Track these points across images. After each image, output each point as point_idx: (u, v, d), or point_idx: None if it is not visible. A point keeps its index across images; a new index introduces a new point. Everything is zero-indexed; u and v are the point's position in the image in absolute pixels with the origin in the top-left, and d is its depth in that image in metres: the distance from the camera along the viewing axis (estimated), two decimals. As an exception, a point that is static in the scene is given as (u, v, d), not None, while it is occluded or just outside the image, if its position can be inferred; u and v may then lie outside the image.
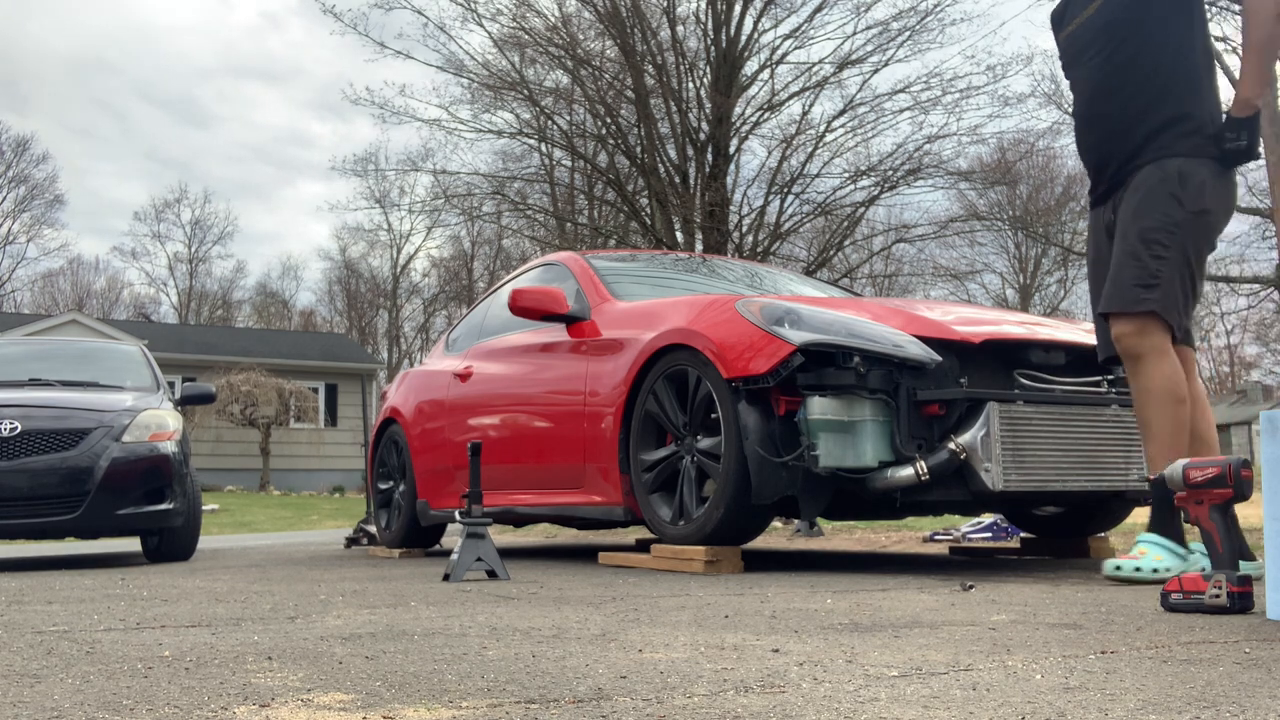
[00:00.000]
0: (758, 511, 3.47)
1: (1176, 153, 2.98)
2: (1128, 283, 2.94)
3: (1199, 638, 1.85)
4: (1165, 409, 2.91)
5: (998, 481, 3.25)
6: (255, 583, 3.55)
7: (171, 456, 5.57)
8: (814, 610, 2.36)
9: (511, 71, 16.86)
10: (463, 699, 1.34)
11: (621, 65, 16.52)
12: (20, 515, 5.21)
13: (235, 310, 47.43)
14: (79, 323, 23.63)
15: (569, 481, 4.29)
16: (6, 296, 42.04)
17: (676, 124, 16.54)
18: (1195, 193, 2.94)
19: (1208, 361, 46.68)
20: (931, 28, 15.78)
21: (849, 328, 3.38)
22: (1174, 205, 2.94)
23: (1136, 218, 2.98)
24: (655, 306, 4.09)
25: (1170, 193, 2.95)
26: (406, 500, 5.51)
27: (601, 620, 2.20)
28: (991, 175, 18.24)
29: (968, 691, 1.35)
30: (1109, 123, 3.14)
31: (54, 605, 2.78)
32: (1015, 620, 2.13)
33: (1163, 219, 2.94)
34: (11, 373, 6.20)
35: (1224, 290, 26.32)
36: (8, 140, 39.92)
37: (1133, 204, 3.01)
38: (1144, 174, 3.02)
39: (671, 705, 1.28)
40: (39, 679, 1.53)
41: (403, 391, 5.91)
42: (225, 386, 21.54)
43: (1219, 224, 3.03)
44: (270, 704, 1.31)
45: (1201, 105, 3.02)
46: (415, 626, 2.12)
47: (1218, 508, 2.25)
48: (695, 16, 16.79)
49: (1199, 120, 3.00)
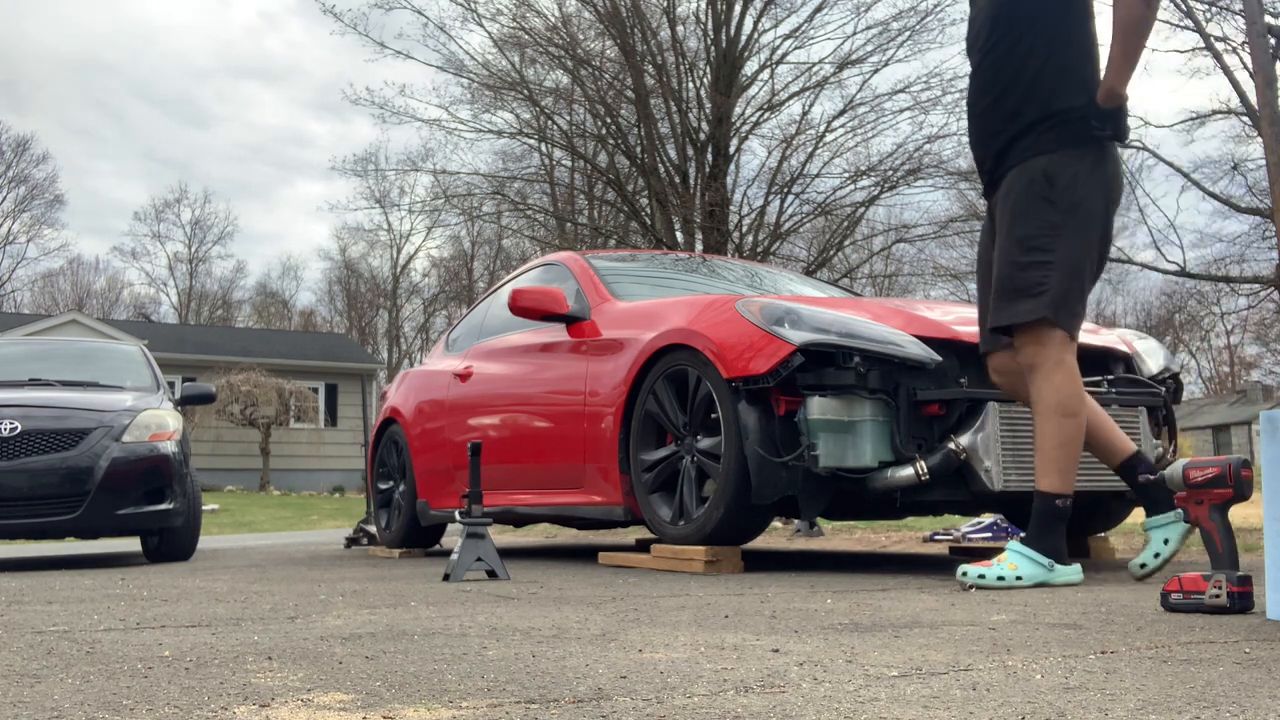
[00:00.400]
0: (758, 511, 3.47)
1: (1042, 150, 2.89)
2: (1017, 294, 2.85)
3: (1199, 638, 1.85)
4: (1051, 421, 2.83)
5: (997, 481, 3.25)
6: (255, 583, 3.55)
7: (171, 456, 5.57)
8: (814, 610, 2.36)
9: (511, 71, 16.88)
10: (463, 699, 1.34)
11: (621, 65, 16.53)
12: (20, 515, 5.21)
13: (235, 310, 47.46)
14: (79, 323, 23.63)
15: (569, 481, 4.29)
16: (6, 296, 42.07)
17: (676, 124, 16.55)
18: (1066, 189, 2.85)
19: (1208, 361, 46.72)
20: (931, 27, 15.81)
21: (849, 328, 3.38)
22: (1047, 208, 2.85)
23: (1013, 226, 2.91)
24: (655, 306, 4.09)
25: (1041, 196, 2.87)
26: (406, 500, 5.51)
27: (601, 620, 2.20)
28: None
29: (968, 691, 1.35)
30: (982, 122, 3.08)
31: (54, 605, 2.78)
32: (1015, 620, 2.13)
33: (1039, 224, 2.85)
34: (11, 373, 6.20)
35: (1224, 290, 26.30)
36: (8, 140, 39.97)
37: (1007, 211, 2.94)
38: (1011, 178, 2.95)
39: (671, 705, 1.28)
40: (39, 679, 1.53)
41: (403, 391, 5.91)
42: (225, 386, 21.54)
43: (1102, 208, 2.91)
44: (270, 704, 1.31)
45: (1075, 98, 2.90)
46: (415, 626, 2.12)
47: (1217, 508, 2.25)
48: (695, 16, 16.82)
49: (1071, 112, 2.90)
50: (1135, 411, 3.58)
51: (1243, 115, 18.67)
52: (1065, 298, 2.83)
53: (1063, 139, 2.88)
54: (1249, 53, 16.54)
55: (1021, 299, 2.84)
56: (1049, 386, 2.84)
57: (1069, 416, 2.83)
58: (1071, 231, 2.85)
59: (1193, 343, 42.55)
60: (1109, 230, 2.97)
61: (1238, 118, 19.27)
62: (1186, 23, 18.31)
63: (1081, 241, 2.87)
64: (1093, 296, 15.87)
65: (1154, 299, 37.60)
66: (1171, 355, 4.03)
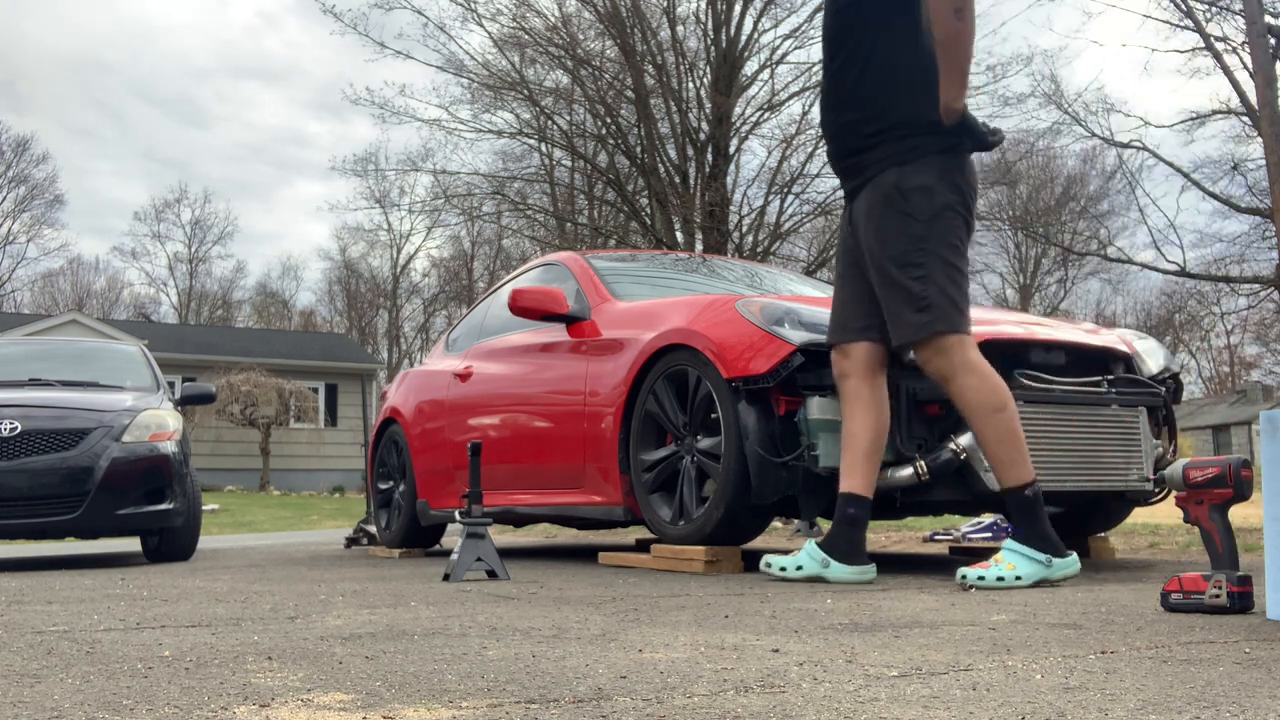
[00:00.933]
0: (758, 511, 3.47)
1: (892, 162, 2.94)
2: (905, 312, 2.91)
3: (1199, 638, 1.85)
4: (986, 420, 2.87)
5: (997, 481, 3.25)
6: (255, 583, 3.55)
7: (171, 456, 5.57)
8: (814, 610, 2.36)
9: (511, 71, 16.87)
10: (463, 699, 1.34)
11: (621, 65, 16.53)
12: (20, 515, 5.21)
13: (235, 310, 47.44)
14: (79, 323, 23.63)
15: (569, 481, 4.28)
16: (6, 296, 42.06)
17: (676, 124, 16.55)
18: (922, 200, 2.89)
19: (1208, 361, 46.71)
20: (931, 27, 15.76)
21: (849, 328, 3.38)
22: (909, 222, 2.89)
23: (881, 245, 2.95)
24: (655, 306, 4.09)
25: (900, 211, 2.90)
26: (406, 500, 5.51)
27: (601, 620, 2.20)
28: (991, 175, 18.24)
29: (968, 691, 1.35)
30: (830, 132, 3.16)
31: (54, 605, 2.78)
32: (1015, 620, 2.13)
33: (907, 241, 2.90)
34: (11, 373, 6.20)
35: (1224, 290, 26.31)
36: (8, 140, 39.95)
37: (871, 230, 2.98)
38: (864, 196, 3.00)
39: (671, 705, 1.28)
40: (39, 679, 1.53)
41: (403, 391, 5.91)
42: (225, 386, 21.54)
43: (962, 207, 2.95)
44: (270, 704, 1.31)
45: (917, 107, 2.93)
46: (415, 626, 2.12)
47: (1217, 508, 2.25)
48: (695, 16, 16.82)
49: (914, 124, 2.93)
50: (1135, 411, 3.58)
51: (1243, 115, 18.67)
52: (949, 303, 2.89)
53: (908, 150, 2.92)
54: (1249, 53, 16.54)
55: (912, 315, 2.90)
56: (967, 390, 2.89)
57: (997, 412, 2.87)
58: (938, 239, 2.90)
59: (1193, 343, 42.56)
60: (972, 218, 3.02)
61: (1238, 118, 19.27)
62: (1186, 23, 18.31)
63: (949, 245, 2.92)
64: (1093, 297, 15.42)
65: (1154, 299, 37.64)
66: (1171, 355, 4.03)
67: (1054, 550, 2.87)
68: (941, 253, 2.90)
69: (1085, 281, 35.57)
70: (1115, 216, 26.99)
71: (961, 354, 2.89)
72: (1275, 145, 13.71)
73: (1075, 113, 19.81)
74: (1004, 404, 2.88)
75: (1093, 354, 3.72)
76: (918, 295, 2.88)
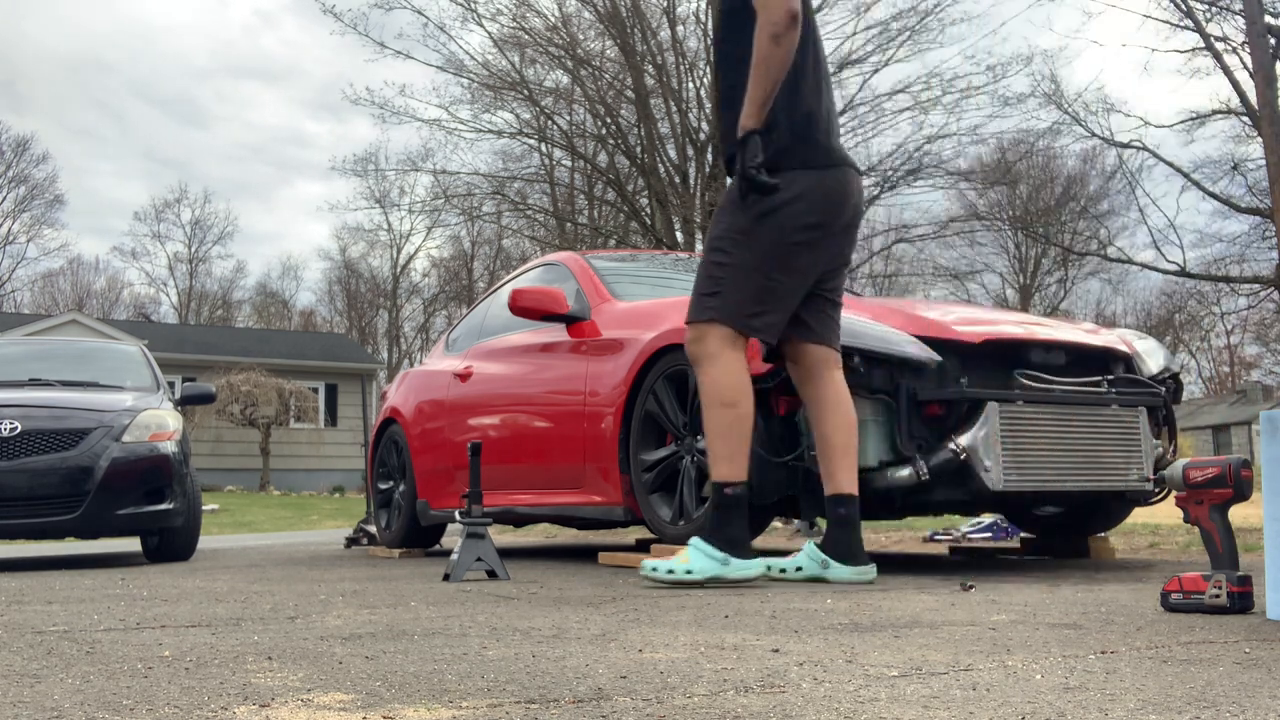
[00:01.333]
0: (758, 511, 3.47)
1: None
2: (697, 292, 3.02)
3: (1199, 638, 1.85)
4: (713, 412, 2.96)
5: (998, 482, 3.25)
6: (255, 583, 3.55)
7: (171, 456, 5.57)
8: (814, 610, 2.36)
9: (511, 71, 16.87)
10: (463, 699, 1.34)
11: (621, 65, 16.53)
12: (20, 515, 5.21)
13: (235, 310, 47.43)
14: (79, 323, 23.63)
15: (569, 481, 4.28)
16: (6, 296, 42.05)
17: (676, 124, 16.55)
18: (764, 200, 2.94)
19: (1208, 361, 46.71)
20: (931, 28, 15.80)
21: (849, 327, 3.38)
22: (738, 213, 2.98)
23: (714, 225, 3.08)
24: (655, 306, 4.09)
25: (733, 200, 2.99)
26: (406, 500, 5.51)
27: (601, 620, 2.20)
28: (991, 175, 18.26)
29: (968, 691, 1.35)
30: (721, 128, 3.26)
31: (54, 605, 2.78)
32: (1015, 620, 2.13)
33: (726, 228, 3.00)
34: (11, 373, 6.20)
35: (1224, 290, 26.31)
36: (8, 140, 39.92)
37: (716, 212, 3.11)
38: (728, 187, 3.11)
39: (671, 705, 1.28)
40: (39, 679, 1.53)
41: (403, 391, 5.90)
42: (225, 386, 21.53)
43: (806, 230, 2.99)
44: (270, 704, 1.31)
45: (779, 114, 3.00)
46: (415, 626, 2.12)
47: (1217, 508, 2.25)
48: (695, 16, 16.80)
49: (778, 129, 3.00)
50: (1135, 411, 3.58)
51: (1243, 115, 18.67)
52: (736, 300, 2.95)
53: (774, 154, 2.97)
54: (1249, 53, 16.55)
55: (700, 298, 3.00)
56: (707, 379, 2.98)
57: (727, 407, 2.95)
58: (760, 240, 2.96)
59: (1193, 343, 42.56)
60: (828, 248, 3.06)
61: (1238, 118, 19.27)
62: (1186, 23, 18.31)
63: (771, 254, 2.97)
64: (1093, 297, 15.42)
65: (1154, 299, 37.61)
66: (1171, 355, 4.03)
67: (735, 552, 2.92)
68: (757, 254, 2.97)
69: (1085, 281, 35.58)
70: (1115, 216, 27.00)
71: (718, 346, 2.96)
72: (1275, 145, 13.71)
73: (1075, 113, 19.80)
74: (735, 401, 2.96)
75: (1093, 354, 3.72)
76: (714, 279, 2.98)
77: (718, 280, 2.98)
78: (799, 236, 2.99)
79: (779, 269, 2.99)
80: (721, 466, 2.96)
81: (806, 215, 2.99)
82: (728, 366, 2.97)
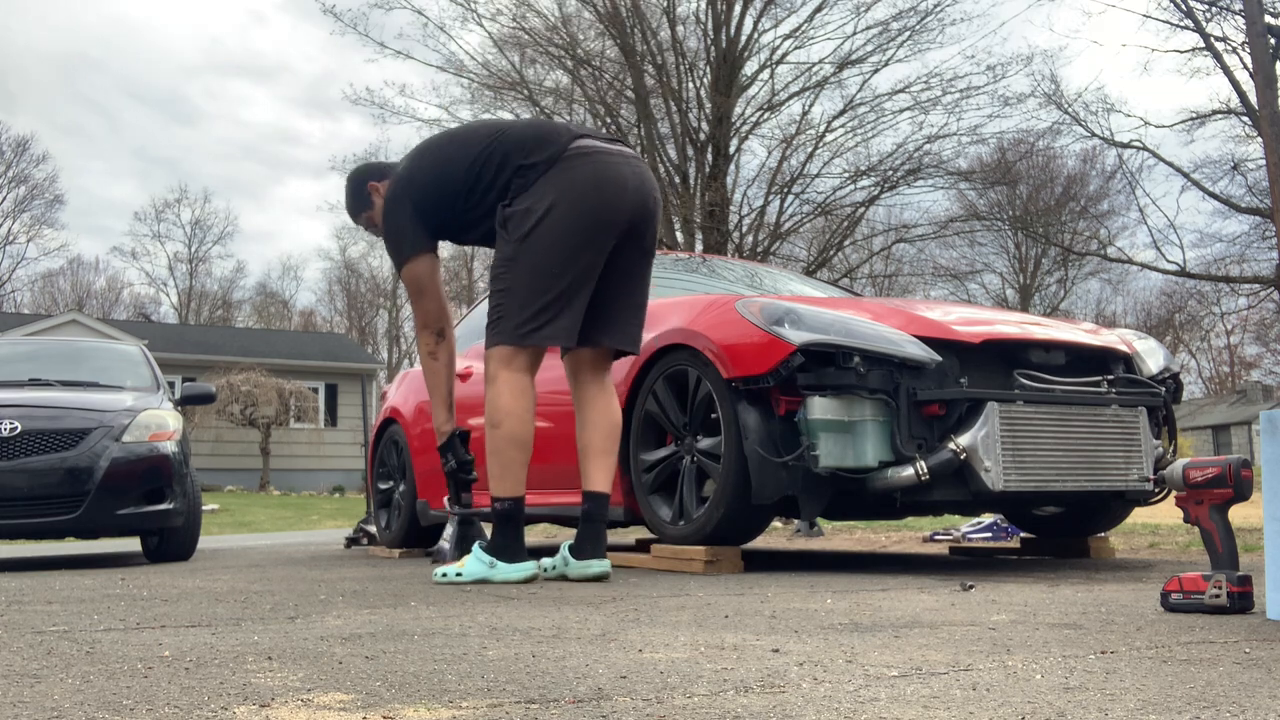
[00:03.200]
0: (758, 511, 3.47)
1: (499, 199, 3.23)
2: (490, 321, 3.22)
3: (1199, 638, 1.85)
4: (487, 430, 3.18)
5: (998, 481, 3.25)
6: (255, 583, 3.55)
7: (171, 456, 5.57)
8: (814, 610, 2.36)
9: (511, 71, 16.86)
10: (463, 699, 1.34)
11: (621, 65, 16.53)
12: (20, 515, 5.21)
13: (235, 310, 47.45)
14: (79, 323, 23.63)
15: (569, 481, 4.28)
16: (6, 296, 42.05)
17: (676, 124, 16.54)
18: (517, 223, 3.15)
19: (1208, 361, 46.70)
20: (931, 28, 15.79)
21: (849, 328, 3.38)
22: (503, 244, 3.19)
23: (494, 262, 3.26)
24: (655, 307, 4.08)
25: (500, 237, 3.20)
26: (406, 500, 5.50)
27: (601, 620, 2.20)
28: (991, 175, 18.24)
29: (968, 691, 1.35)
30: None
31: (54, 605, 2.78)
32: (1015, 620, 2.13)
33: (499, 262, 3.20)
34: (11, 373, 6.20)
35: (1224, 290, 26.32)
36: (8, 140, 39.93)
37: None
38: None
39: (671, 705, 1.28)
40: (39, 679, 1.53)
41: (403, 391, 5.90)
42: (225, 386, 21.54)
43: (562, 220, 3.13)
44: (270, 704, 1.31)
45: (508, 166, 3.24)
46: (415, 626, 2.12)
47: (1217, 508, 2.25)
48: (695, 16, 16.80)
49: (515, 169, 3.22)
50: (1135, 411, 3.58)
51: (1243, 115, 18.68)
52: (515, 322, 3.14)
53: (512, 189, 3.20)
54: (1249, 53, 16.55)
55: (490, 325, 3.20)
56: (486, 401, 3.20)
57: (493, 427, 3.16)
58: (525, 257, 3.14)
59: (1193, 343, 42.55)
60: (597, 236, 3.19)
61: (1238, 118, 19.28)
62: (1186, 23, 18.32)
63: (536, 263, 3.13)
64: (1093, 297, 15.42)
65: (1154, 299, 37.60)
66: (1171, 355, 4.04)
67: (502, 557, 3.16)
68: (526, 270, 3.13)
69: (1085, 281, 35.56)
70: (1115, 216, 27.00)
71: (495, 368, 3.17)
72: (1275, 145, 13.71)
73: (1075, 113, 19.82)
74: (499, 423, 3.16)
75: (1093, 354, 3.72)
76: (495, 307, 3.18)
77: (497, 308, 3.17)
78: (569, 240, 3.14)
79: (553, 276, 3.14)
80: (492, 484, 3.18)
81: (567, 219, 3.14)
82: (500, 388, 3.16)
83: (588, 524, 3.29)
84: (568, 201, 3.14)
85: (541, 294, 3.13)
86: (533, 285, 3.13)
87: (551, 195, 3.14)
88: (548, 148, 3.20)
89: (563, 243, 3.13)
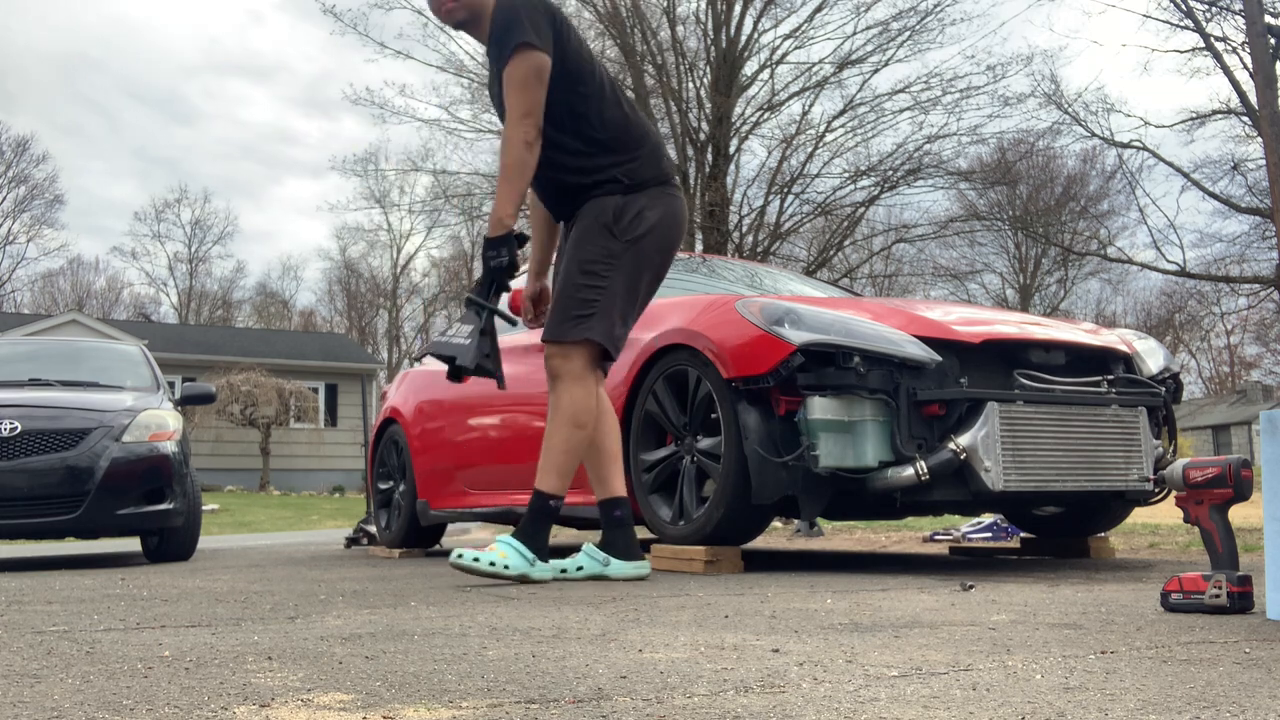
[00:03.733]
0: (758, 511, 3.47)
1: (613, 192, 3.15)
2: (569, 312, 3.10)
3: (1199, 638, 1.85)
4: (566, 430, 3.09)
5: (998, 482, 3.25)
6: (255, 583, 3.55)
7: (171, 456, 5.57)
8: (814, 610, 2.36)
9: (512, 71, 16.83)
10: (463, 699, 1.34)
11: (621, 65, 16.52)
12: (20, 515, 5.21)
13: (235, 310, 47.44)
14: (79, 323, 23.63)
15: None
16: (6, 296, 42.04)
17: (676, 124, 16.54)
18: (630, 225, 3.11)
19: (1208, 361, 46.70)
20: (931, 28, 15.81)
21: (849, 328, 3.38)
22: (610, 238, 3.11)
23: (576, 249, 3.16)
24: (655, 306, 4.08)
25: (604, 224, 3.12)
26: (406, 500, 5.50)
27: (601, 620, 2.20)
28: (991, 175, 18.25)
29: (968, 691, 1.35)
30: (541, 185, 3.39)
31: (54, 605, 2.78)
32: (1015, 620, 2.13)
33: (599, 251, 3.11)
34: (11, 373, 6.20)
35: (1224, 290, 26.32)
36: (8, 140, 39.92)
37: (574, 237, 3.21)
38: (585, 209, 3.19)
39: (671, 705, 1.28)
40: (39, 679, 1.53)
41: (403, 391, 5.90)
42: (225, 386, 21.54)
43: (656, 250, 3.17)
44: (270, 704, 1.31)
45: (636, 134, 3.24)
46: (415, 626, 2.12)
47: (1217, 508, 2.25)
48: (695, 16, 16.81)
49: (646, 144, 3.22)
50: (1135, 411, 3.58)
51: (1243, 115, 18.68)
52: (610, 323, 3.09)
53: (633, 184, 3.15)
54: (1249, 53, 16.55)
55: (572, 318, 3.10)
56: (568, 397, 3.09)
57: (579, 428, 3.10)
58: (629, 264, 3.11)
59: (1193, 343, 42.55)
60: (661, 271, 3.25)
61: (1238, 118, 19.28)
62: (1186, 23, 18.32)
63: (637, 272, 3.12)
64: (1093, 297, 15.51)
65: (1154, 299, 37.60)
66: (1171, 355, 4.04)
67: (542, 556, 3.10)
68: (626, 277, 3.11)
69: (1085, 281, 35.56)
70: (1115, 216, 26.99)
71: (583, 367, 3.10)
72: (1275, 145, 13.72)
73: (1075, 113, 19.82)
74: (586, 424, 3.11)
75: (1093, 354, 3.72)
76: (588, 301, 3.08)
77: (591, 303, 3.08)
78: (657, 259, 3.17)
79: (641, 292, 3.16)
80: (552, 478, 3.11)
81: (665, 238, 3.17)
82: (589, 390, 3.11)
83: (622, 528, 3.24)
84: (666, 227, 3.17)
85: (630, 305, 3.14)
86: (628, 294, 3.12)
87: (659, 212, 3.16)
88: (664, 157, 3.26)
89: (653, 261, 3.17)
